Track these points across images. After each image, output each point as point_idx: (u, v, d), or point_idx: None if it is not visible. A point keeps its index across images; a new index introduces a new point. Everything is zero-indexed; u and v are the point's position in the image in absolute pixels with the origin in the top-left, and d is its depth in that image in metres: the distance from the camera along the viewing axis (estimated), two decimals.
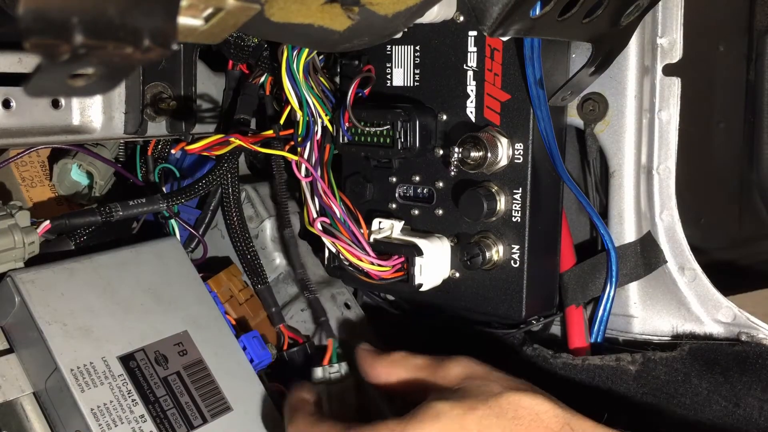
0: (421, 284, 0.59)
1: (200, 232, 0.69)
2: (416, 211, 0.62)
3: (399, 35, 0.58)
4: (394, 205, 0.63)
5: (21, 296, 0.53)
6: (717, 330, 0.59)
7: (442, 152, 0.59)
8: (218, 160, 0.66)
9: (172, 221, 0.67)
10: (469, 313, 0.63)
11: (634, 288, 0.61)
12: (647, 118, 0.60)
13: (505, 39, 0.55)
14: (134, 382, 0.53)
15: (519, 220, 0.57)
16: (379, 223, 0.62)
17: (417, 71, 0.61)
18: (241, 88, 0.68)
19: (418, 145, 0.59)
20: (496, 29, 0.44)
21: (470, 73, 0.58)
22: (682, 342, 0.58)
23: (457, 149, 0.56)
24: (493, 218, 0.58)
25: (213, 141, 0.62)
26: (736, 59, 0.67)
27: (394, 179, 0.63)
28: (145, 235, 0.65)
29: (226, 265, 0.69)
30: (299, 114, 0.62)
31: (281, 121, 0.64)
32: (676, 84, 0.59)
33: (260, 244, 0.71)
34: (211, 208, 0.69)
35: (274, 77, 0.66)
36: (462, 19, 0.57)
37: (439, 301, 0.62)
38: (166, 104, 0.63)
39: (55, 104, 0.59)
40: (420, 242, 0.59)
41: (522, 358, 0.61)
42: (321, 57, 0.63)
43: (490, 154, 0.56)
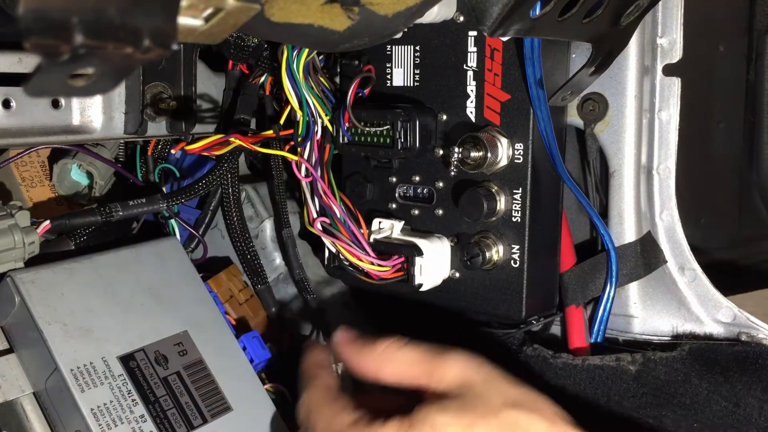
0: (421, 284, 0.59)
1: (200, 232, 0.69)
2: (416, 211, 0.62)
3: (399, 35, 0.58)
4: (394, 205, 0.63)
5: (21, 296, 0.53)
6: (717, 330, 0.59)
7: (442, 152, 0.59)
8: (218, 160, 0.66)
9: (172, 221, 0.67)
10: (469, 313, 0.63)
11: (634, 288, 0.61)
12: (647, 118, 0.60)
13: (505, 39, 0.55)
14: (134, 382, 0.53)
15: (519, 220, 0.57)
16: (379, 223, 0.62)
17: (417, 71, 0.61)
18: (241, 88, 0.68)
19: (418, 145, 0.59)
20: (496, 29, 0.44)
21: (470, 73, 0.58)
22: (682, 342, 0.58)
23: (457, 149, 0.56)
24: (493, 218, 0.58)
25: (213, 141, 0.62)
26: (736, 59, 0.67)
27: (394, 179, 0.63)
28: (145, 235, 0.65)
29: (226, 265, 0.69)
30: (299, 114, 0.62)
31: (281, 121, 0.64)
32: (676, 84, 0.59)
33: (260, 244, 0.71)
34: (211, 208, 0.70)
35: (274, 77, 0.66)
36: (462, 19, 0.57)
37: (439, 301, 0.62)
38: (166, 104, 0.63)
39: (55, 104, 0.59)
40: (420, 242, 0.59)
41: (522, 358, 0.61)
42: (321, 57, 0.63)
43: (490, 154, 0.56)
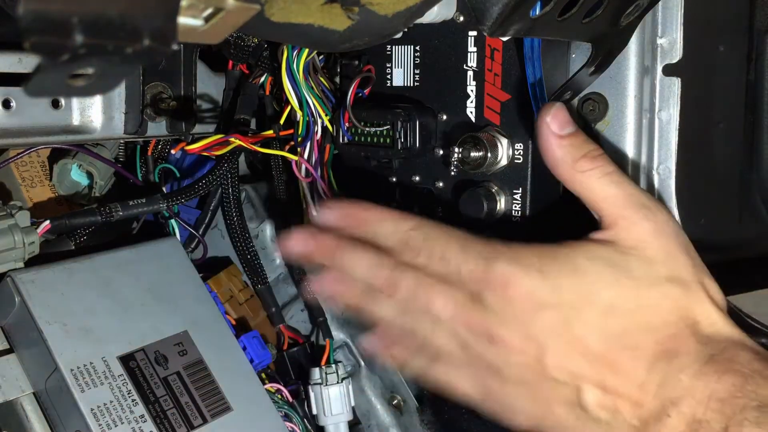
0: None
1: (200, 232, 0.69)
2: (416, 211, 0.62)
3: (399, 35, 0.58)
4: (394, 205, 0.63)
5: (21, 296, 0.53)
6: None
7: (442, 152, 0.59)
8: (218, 160, 0.66)
9: (172, 221, 0.67)
10: None
11: None
12: (647, 118, 0.60)
13: (505, 39, 0.55)
14: (134, 382, 0.53)
15: (519, 221, 0.57)
16: None
17: (417, 71, 0.61)
18: (241, 88, 0.68)
19: (418, 145, 0.59)
20: (496, 29, 0.44)
21: (470, 73, 0.58)
22: None
23: (457, 149, 0.56)
24: (494, 218, 0.58)
25: (213, 141, 0.62)
26: (736, 59, 0.67)
27: (394, 179, 0.63)
28: (145, 235, 0.65)
29: (226, 265, 0.69)
30: (299, 114, 0.62)
31: (281, 121, 0.64)
32: (676, 84, 0.59)
33: (260, 244, 0.71)
34: (211, 208, 0.70)
35: (274, 77, 0.66)
36: (462, 19, 0.57)
37: None
38: (166, 104, 0.63)
39: (55, 104, 0.59)
40: None
41: None
42: (321, 57, 0.63)
43: (490, 154, 0.56)
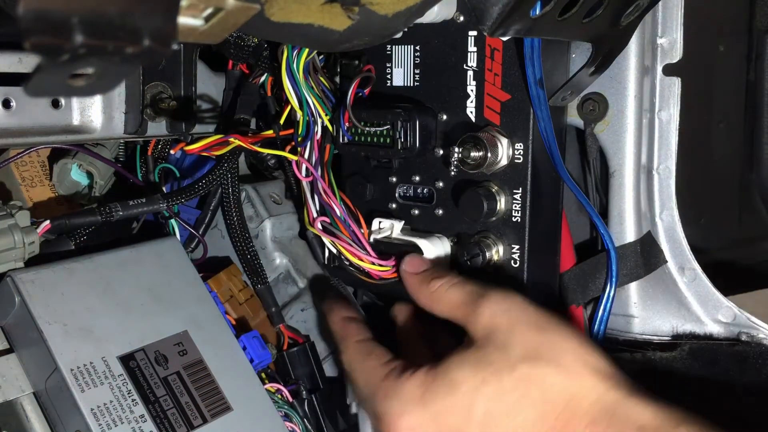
0: None
1: (200, 232, 0.69)
2: (416, 211, 0.62)
3: (399, 35, 0.58)
4: (394, 205, 0.63)
5: (21, 296, 0.53)
6: (717, 330, 0.59)
7: (442, 152, 0.59)
8: (218, 160, 0.66)
9: (172, 221, 0.67)
10: None
11: (634, 288, 0.61)
12: (647, 118, 0.60)
13: (505, 39, 0.55)
14: (134, 382, 0.53)
15: (519, 220, 0.57)
16: (379, 223, 0.62)
17: (417, 71, 0.61)
18: (241, 88, 0.68)
19: (418, 145, 0.59)
20: (496, 29, 0.44)
21: (470, 73, 0.58)
22: (682, 342, 0.58)
23: (457, 149, 0.56)
24: (493, 218, 0.58)
25: (212, 141, 0.62)
26: (736, 59, 0.67)
27: (394, 179, 0.63)
28: (145, 235, 0.65)
29: (226, 265, 0.69)
30: (299, 114, 0.62)
31: (281, 121, 0.64)
32: (676, 84, 0.59)
33: (260, 244, 0.71)
34: (211, 208, 0.69)
35: (274, 77, 0.66)
36: (462, 19, 0.57)
37: None
38: (166, 104, 0.63)
39: (55, 104, 0.59)
40: (420, 242, 0.59)
41: None
42: (321, 57, 0.63)
43: (490, 154, 0.56)
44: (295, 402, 0.65)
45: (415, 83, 0.61)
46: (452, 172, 0.59)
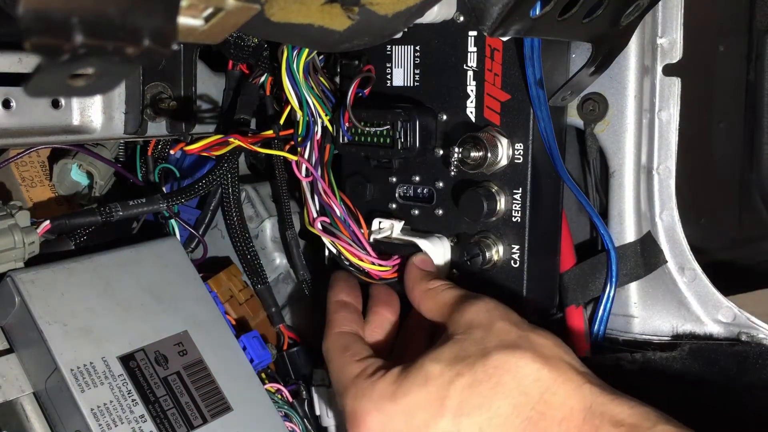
0: None
1: (200, 232, 0.69)
2: (416, 211, 0.62)
3: (399, 35, 0.58)
4: (394, 205, 0.63)
5: (21, 296, 0.53)
6: (717, 330, 0.59)
7: (442, 152, 0.59)
8: (218, 160, 0.66)
9: (172, 221, 0.67)
10: None
11: (634, 288, 0.61)
12: (647, 118, 0.60)
13: (505, 39, 0.55)
14: (134, 382, 0.53)
15: (519, 220, 0.57)
16: (379, 223, 0.62)
17: (417, 71, 0.61)
18: (241, 88, 0.68)
19: (418, 145, 0.59)
20: (496, 29, 0.44)
21: (470, 73, 0.58)
22: (682, 342, 0.58)
23: (457, 149, 0.56)
24: (493, 218, 0.58)
25: (212, 141, 0.62)
26: (736, 59, 0.67)
27: (394, 179, 0.63)
28: (145, 235, 0.65)
29: (226, 265, 0.69)
30: (299, 114, 0.62)
31: (281, 121, 0.64)
32: (676, 84, 0.59)
33: (260, 244, 0.71)
34: (211, 208, 0.69)
35: (274, 77, 0.66)
36: (462, 19, 0.57)
37: None
38: (166, 104, 0.63)
39: (55, 104, 0.59)
40: (420, 242, 0.59)
41: None
42: (321, 57, 0.63)
43: (490, 154, 0.56)
44: (295, 402, 0.65)
45: (415, 83, 0.61)
46: (452, 173, 0.59)
